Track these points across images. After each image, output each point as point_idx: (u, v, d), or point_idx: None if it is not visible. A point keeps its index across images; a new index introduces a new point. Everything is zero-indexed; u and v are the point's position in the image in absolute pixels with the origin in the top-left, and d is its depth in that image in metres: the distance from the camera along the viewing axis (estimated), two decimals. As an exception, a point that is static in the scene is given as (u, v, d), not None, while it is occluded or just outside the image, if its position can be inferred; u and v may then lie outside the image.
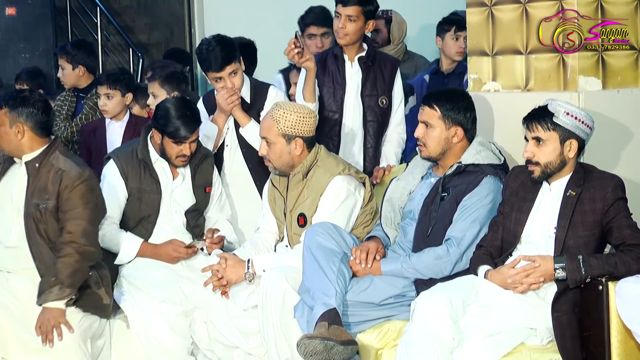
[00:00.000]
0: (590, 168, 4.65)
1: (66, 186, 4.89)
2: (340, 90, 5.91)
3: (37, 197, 4.92)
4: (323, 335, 4.50)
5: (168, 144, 5.41)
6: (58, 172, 4.92)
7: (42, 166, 4.96)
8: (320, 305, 4.62)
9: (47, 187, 4.91)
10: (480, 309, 4.52)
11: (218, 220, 5.70)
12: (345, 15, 5.84)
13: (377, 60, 6.00)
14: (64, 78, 7.20)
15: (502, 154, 5.01)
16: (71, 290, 4.83)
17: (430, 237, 4.85)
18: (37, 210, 4.91)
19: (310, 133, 5.24)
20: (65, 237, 4.88)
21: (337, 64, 5.95)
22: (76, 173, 4.92)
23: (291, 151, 5.21)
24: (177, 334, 5.21)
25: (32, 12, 8.94)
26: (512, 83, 5.38)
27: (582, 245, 4.51)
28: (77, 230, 4.88)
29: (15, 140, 4.92)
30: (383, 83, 5.94)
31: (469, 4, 5.54)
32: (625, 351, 4.34)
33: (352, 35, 5.87)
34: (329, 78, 5.94)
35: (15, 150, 4.96)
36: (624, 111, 5.14)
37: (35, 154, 4.97)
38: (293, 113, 5.19)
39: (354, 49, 5.93)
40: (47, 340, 4.77)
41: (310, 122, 5.23)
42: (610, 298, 4.33)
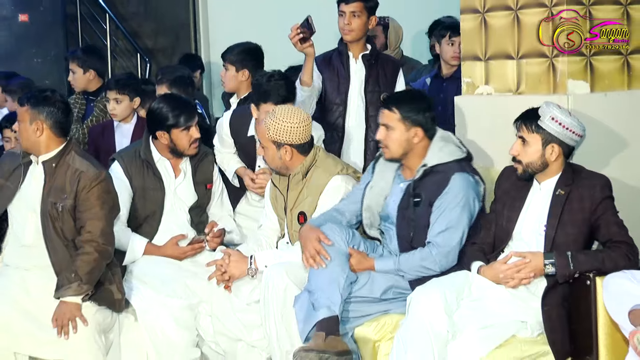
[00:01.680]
0: (578, 168, 4.66)
1: (84, 187, 4.90)
2: (345, 84, 5.96)
3: (53, 196, 4.93)
4: (319, 348, 4.52)
5: (178, 137, 5.42)
6: (76, 173, 4.92)
7: (58, 166, 4.96)
8: (324, 308, 4.61)
9: (65, 187, 4.92)
10: (474, 303, 4.54)
11: (222, 217, 5.70)
12: (349, 12, 5.91)
13: (380, 59, 6.07)
14: (74, 81, 7.21)
15: (463, 145, 4.99)
16: (89, 286, 4.85)
17: (414, 242, 4.84)
18: (54, 208, 4.91)
19: (301, 140, 5.18)
20: (85, 236, 4.89)
21: (341, 59, 6.00)
22: (93, 174, 4.93)
23: (282, 156, 5.19)
24: (182, 327, 5.21)
25: (44, 18, 8.95)
26: (504, 87, 5.38)
27: (571, 242, 4.53)
28: (96, 230, 4.89)
29: (33, 136, 4.92)
30: (385, 80, 5.99)
31: (463, 10, 5.54)
32: (612, 343, 4.35)
33: (357, 31, 5.93)
34: (333, 72, 5.99)
35: (33, 147, 4.96)
36: (611, 113, 5.14)
37: (52, 153, 4.97)
38: (283, 122, 5.12)
39: (358, 47, 5.98)
40: (62, 333, 4.78)
41: (300, 130, 5.15)
42: (598, 292, 4.35)
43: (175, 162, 5.54)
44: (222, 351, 5.29)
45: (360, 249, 4.89)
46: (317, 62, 6.01)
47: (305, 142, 5.23)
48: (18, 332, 4.80)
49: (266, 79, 5.54)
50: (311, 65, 5.79)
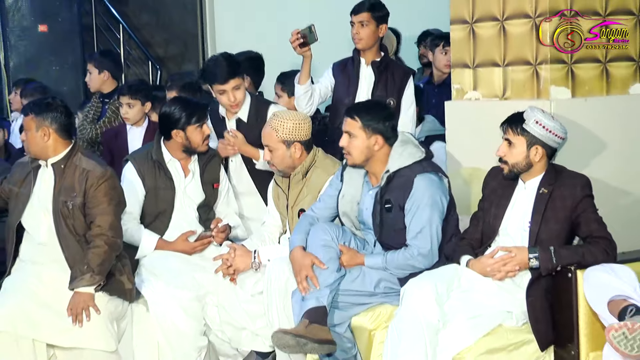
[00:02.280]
0: (560, 168, 4.66)
1: (91, 185, 4.91)
2: (353, 87, 5.96)
3: (64, 195, 4.94)
4: (298, 333, 4.52)
5: (192, 133, 5.43)
6: (83, 172, 4.94)
7: (67, 167, 4.97)
8: (312, 299, 4.62)
9: (74, 186, 4.93)
10: (463, 294, 4.54)
11: (227, 215, 5.70)
12: (357, 21, 5.93)
13: (390, 67, 6.05)
14: (90, 82, 7.25)
15: (422, 145, 4.97)
16: (100, 277, 4.86)
17: (394, 245, 4.81)
18: (65, 207, 4.92)
19: (306, 137, 5.23)
20: (95, 231, 4.90)
21: (353, 64, 6.02)
22: (100, 173, 4.94)
23: (292, 155, 5.20)
24: (190, 317, 5.20)
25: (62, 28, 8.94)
26: (491, 92, 5.38)
27: (554, 238, 4.53)
28: (105, 224, 4.91)
29: (41, 142, 4.93)
30: (393, 86, 5.96)
31: (453, 21, 5.53)
32: (592, 332, 4.36)
33: (366, 39, 5.93)
34: (344, 75, 6.01)
35: (41, 152, 4.96)
36: (591, 117, 5.13)
37: (60, 156, 4.98)
38: (289, 121, 5.19)
39: (370, 54, 5.98)
40: (77, 321, 4.79)
41: (305, 127, 5.22)
42: (579, 285, 4.35)
43: (184, 162, 5.54)
44: (227, 339, 5.30)
45: (351, 246, 4.88)
46: (333, 68, 6.09)
47: (309, 138, 5.25)
48: (36, 321, 4.80)
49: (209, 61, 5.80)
50: (308, 67, 5.88)
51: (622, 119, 5.29)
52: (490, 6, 5.31)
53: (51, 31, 8.97)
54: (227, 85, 5.61)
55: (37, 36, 8.95)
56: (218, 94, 5.68)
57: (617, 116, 5.27)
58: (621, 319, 4.01)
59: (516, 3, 5.18)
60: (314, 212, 5.04)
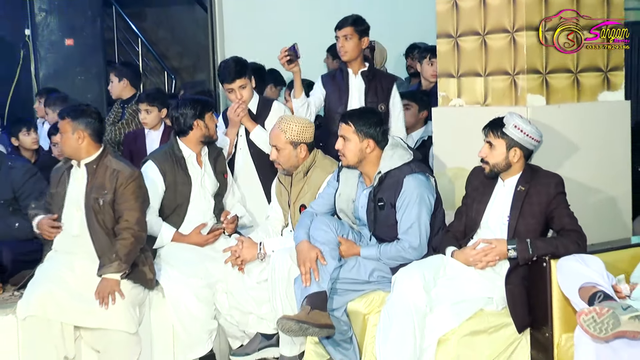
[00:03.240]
0: (536, 168, 4.66)
1: (121, 184, 4.93)
2: (345, 96, 5.96)
3: (95, 192, 4.95)
4: (300, 319, 4.53)
5: (209, 120, 5.47)
6: (114, 172, 4.95)
7: (98, 167, 4.99)
8: (314, 285, 4.62)
9: (105, 184, 4.94)
10: (448, 282, 4.54)
11: (234, 205, 5.71)
12: (341, 36, 5.95)
13: (378, 75, 6.07)
14: (111, 88, 7.29)
15: (410, 147, 4.97)
16: (126, 265, 4.87)
17: (387, 238, 4.80)
18: (96, 203, 4.93)
19: (310, 139, 5.26)
20: (122, 225, 4.91)
21: (342, 75, 6.02)
22: (129, 173, 4.96)
23: (297, 155, 5.22)
24: (202, 303, 5.20)
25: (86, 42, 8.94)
26: (473, 99, 5.38)
27: (530, 231, 4.53)
28: (132, 219, 4.92)
29: (76, 144, 4.94)
30: (382, 93, 5.98)
31: (439, 35, 5.53)
32: (564, 316, 4.36)
33: (350, 52, 5.94)
34: (335, 86, 6.01)
35: (75, 153, 4.97)
36: (563, 122, 5.13)
37: (93, 157, 4.99)
38: (297, 124, 5.22)
39: (356, 64, 5.99)
40: (103, 303, 4.80)
41: (310, 130, 5.25)
42: (553, 273, 4.35)
43: (198, 156, 5.54)
44: (236, 322, 5.29)
45: (349, 238, 4.87)
46: (322, 80, 6.10)
47: (312, 140, 5.26)
48: (64, 305, 4.79)
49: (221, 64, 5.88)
50: (299, 81, 5.88)
51: (591, 124, 5.28)
52: (473, 22, 5.31)
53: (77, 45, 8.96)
54: (234, 84, 5.74)
55: (64, 49, 8.94)
56: (227, 92, 5.81)
57: (587, 121, 5.27)
58: (591, 304, 4.01)
59: (496, 19, 5.18)
60: (313, 209, 5.03)
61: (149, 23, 10.72)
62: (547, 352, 4.39)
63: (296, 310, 4.72)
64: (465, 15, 5.36)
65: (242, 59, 5.85)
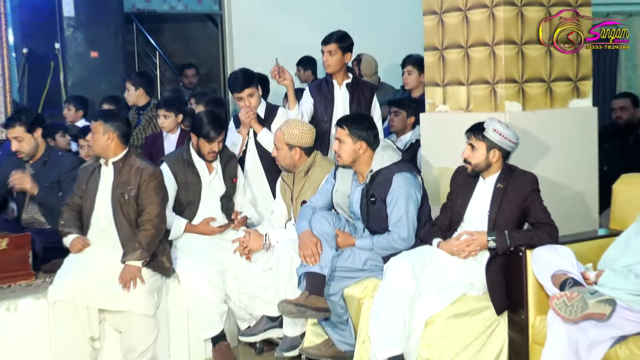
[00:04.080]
0: (513, 167, 4.67)
1: (144, 180, 4.97)
2: (330, 105, 5.92)
3: (121, 188, 4.98)
4: (299, 302, 4.56)
5: (202, 143, 5.42)
6: (138, 170, 4.99)
7: (124, 166, 5.02)
8: (317, 266, 4.63)
9: (130, 181, 4.98)
10: (434, 270, 4.54)
11: (244, 205, 5.69)
12: (327, 51, 5.90)
13: (360, 85, 6.01)
14: (128, 96, 7.26)
15: (399, 149, 4.97)
16: (147, 254, 4.90)
17: (379, 230, 4.80)
18: (122, 197, 4.97)
19: (307, 144, 5.26)
20: (145, 217, 4.94)
21: (327, 87, 5.97)
22: (151, 171, 5.01)
23: (292, 156, 5.24)
24: (214, 288, 5.20)
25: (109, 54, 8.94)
26: (457, 106, 5.38)
27: (508, 224, 4.53)
28: (153, 212, 4.96)
29: (105, 144, 4.98)
30: (365, 101, 5.94)
31: (426, 48, 5.54)
32: (538, 300, 4.37)
33: (334, 66, 5.90)
34: (321, 97, 5.95)
35: (104, 152, 5.01)
36: (538, 126, 5.14)
37: (119, 157, 5.03)
38: (297, 129, 5.23)
39: (340, 76, 5.94)
40: (126, 287, 4.82)
41: (308, 136, 5.25)
42: (528, 262, 4.36)
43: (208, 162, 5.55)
44: (244, 306, 5.30)
45: (345, 230, 4.88)
46: (310, 89, 6.05)
47: (309, 146, 5.26)
48: (90, 290, 4.81)
49: (230, 75, 5.87)
50: (292, 94, 5.88)
51: (563, 128, 5.29)
52: (457, 36, 5.32)
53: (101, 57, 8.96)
54: (242, 93, 5.74)
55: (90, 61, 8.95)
56: (237, 100, 5.81)
57: (559, 125, 5.27)
58: (562, 290, 4.02)
59: (477, 34, 5.19)
60: (312, 203, 5.04)
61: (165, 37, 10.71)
62: (523, 332, 4.39)
63: (296, 296, 4.73)
64: (449, 30, 5.36)
65: (250, 70, 5.86)
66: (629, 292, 4.00)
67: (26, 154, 5.47)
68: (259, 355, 5.36)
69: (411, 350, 4.38)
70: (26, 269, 5.07)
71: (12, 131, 5.44)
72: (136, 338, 4.91)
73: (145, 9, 10.05)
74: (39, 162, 5.49)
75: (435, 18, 5.44)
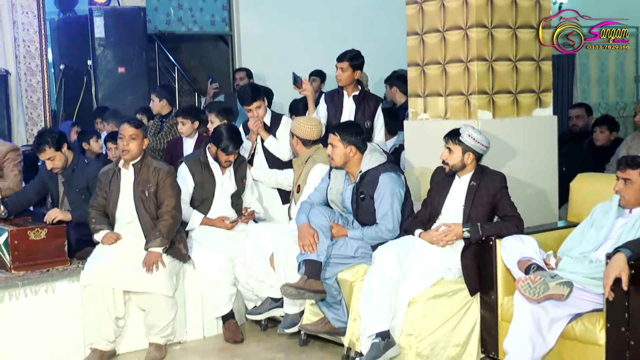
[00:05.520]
0: (485, 167, 4.65)
1: (162, 178, 4.96)
2: (339, 113, 5.86)
3: (142, 186, 4.97)
4: (298, 286, 4.55)
5: (220, 154, 5.39)
6: (155, 169, 4.98)
7: (142, 166, 5.02)
8: (314, 254, 4.61)
9: (149, 179, 4.97)
10: (416, 257, 4.53)
11: (252, 202, 5.66)
12: (339, 67, 5.83)
13: (366, 97, 5.92)
14: (153, 107, 7.22)
15: (384, 152, 4.95)
16: (167, 241, 4.89)
17: (368, 223, 4.77)
18: (143, 194, 4.96)
19: (305, 136, 5.27)
20: (163, 209, 4.94)
21: (338, 96, 5.91)
22: (167, 170, 5.01)
23: (294, 144, 5.34)
24: (224, 273, 5.18)
25: (134, 70, 8.92)
26: (436, 114, 5.36)
27: (480, 217, 4.51)
28: (171, 204, 4.95)
29: (141, 148, 5.02)
30: (369, 112, 5.84)
31: (409, 64, 5.52)
32: (506, 283, 4.36)
33: (344, 80, 5.84)
34: (332, 104, 5.91)
35: (138, 155, 5.02)
36: (506, 132, 5.13)
37: (138, 159, 5.03)
38: (297, 121, 5.35)
39: (349, 88, 5.87)
40: (149, 271, 4.81)
41: (303, 129, 5.27)
42: (498, 250, 4.36)
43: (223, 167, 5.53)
44: (251, 288, 5.28)
45: (339, 222, 4.85)
46: (325, 97, 6.02)
47: (307, 138, 5.28)
48: (116, 275, 4.80)
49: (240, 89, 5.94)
50: (311, 102, 5.88)
51: (527, 134, 5.28)
52: (436, 54, 5.30)
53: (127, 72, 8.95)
54: (251, 106, 5.71)
55: (118, 75, 8.94)
56: (246, 111, 5.79)
57: (524, 131, 5.26)
58: (527, 274, 4.03)
59: (453, 51, 5.17)
60: (310, 200, 5.01)
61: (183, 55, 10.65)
62: (493, 310, 4.38)
63: (296, 280, 4.71)
64: (429, 49, 5.34)
65: (257, 85, 5.86)
66: (584, 276, 4.01)
67: (59, 169, 5.42)
68: (264, 331, 5.34)
69: (396, 326, 4.36)
70: (62, 256, 5.04)
71: (44, 154, 5.35)
72: (158, 316, 4.89)
73: (165, 31, 10.05)
74: (68, 171, 5.43)
75: (417, 38, 5.42)
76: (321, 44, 9.42)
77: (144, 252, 4.87)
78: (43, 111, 8.98)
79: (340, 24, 9.98)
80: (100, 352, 4.79)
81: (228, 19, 10.38)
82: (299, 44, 9.83)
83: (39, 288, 4.72)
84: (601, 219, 4.21)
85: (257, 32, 10.04)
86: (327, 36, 9.58)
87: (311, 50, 9.46)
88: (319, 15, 10.12)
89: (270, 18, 10.02)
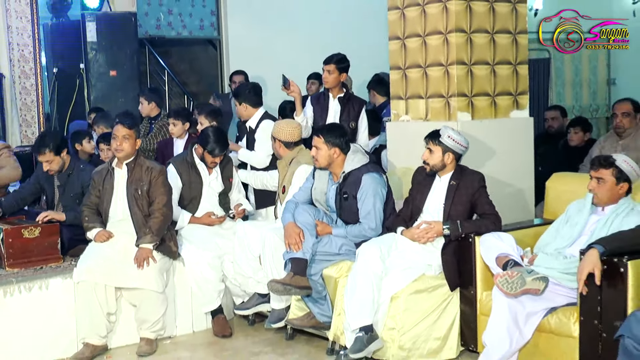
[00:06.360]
0: (464, 167, 4.66)
1: (154, 177, 4.95)
2: (324, 115, 5.87)
3: (135, 184, 4.95)
4: (284, 282, 4.55)
5: (207, 155, 5.36)
6: (148, 169, 4.97)
7: (135, 166, 5.00)
8: (300, 252, 4.60)
9: (142, 177, 4.95)
10: (398, 253, 4.53)
11: (239, 199, 5.64)
12: (326, 69, 5.86)
13: (351, 99, 5.94)
14: (142, 109, 7.16)
15: (367, 152, 4.94)
16: (158, 238, 4.87)
17: (351, 222, 4.76)
18: (136, 192, 4.94)
19: (285, 139, 5.25)
20: (155, 206, 4.92)
21: (324, 98, 5.92)
22: (159, 169, 5.00)
23: (276, 148, 5.31)
24: (213, 269, 5.16)
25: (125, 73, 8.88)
26: (417, 116, 5.37)
27: (460, 215, 4.52)
28: (162, 202, 4.93)
29: (134, 148, 4.99)
30: (354, 113, 5.86)
31: (391, 67, 5.52)
32: (485, 278, 4.37)
33: (330, 82, 5.86)
34: (318, 106, 5.91)
35: (131, 155, 5.00)
36: (484, 133, 5.14)
37: (132, 158, 5.01)
38: (277, 125, 5.32)
39: (335, 91, 5.88)
40: (140, 266, 4.79)
41: (283, 133, 5.25)
42: (476, 246, 4.36)
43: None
44: (238, 284, 5.25)
45: (323, 221, 4.84)
46: (311, 100, 6.02)
47: (288, 140, 5.26)
48: (108, 272, 4.78)
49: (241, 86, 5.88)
50: (299, 103, 5.82)
51: (505, 135, 5.29)
52: (417, 58, 5.31)
53: (119, 75, 8.91)
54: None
55: (109, 79, 8.90)
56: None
57: (502, 132, 5.28)
58: (504, 269, 4.03)
59: (434, 55, 5.18)
60: (295, 199, 5.00)
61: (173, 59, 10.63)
62: (472, 305, 4.39)
63: (282, 276, 4.70)
64: (411, 52, 5.35)
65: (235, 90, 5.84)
66: (559, 271, 4.03)
67: (55, 172, 5.39)
68: (252, 326, 5.32)
69: (379, 320, 4.37)
70: (55, 253, 5.01)
71: (42, 156, 5.31)
72: (149, 311, 4.87)
73: (156, 35, 10.03)
74: (64, 175, 5.39)
75: (398, 42, 5.42)
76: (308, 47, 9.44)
77: (135, 250, 4.85)
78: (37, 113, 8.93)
79: (326, 28, 10.00)
80: (92, 346, 4.76)
81: (216, 23, 10.38)
82: (285, 48, 9.83)
83: (33, 285, 4.69)
84: (575, 216, 4.23)
85: (244, 37, 10.04)
86: (314, 40, 9.58)
87: (298, 54, 9.47)
88: (306, 20, 10.13)
89: (257, 23, 10.03)
